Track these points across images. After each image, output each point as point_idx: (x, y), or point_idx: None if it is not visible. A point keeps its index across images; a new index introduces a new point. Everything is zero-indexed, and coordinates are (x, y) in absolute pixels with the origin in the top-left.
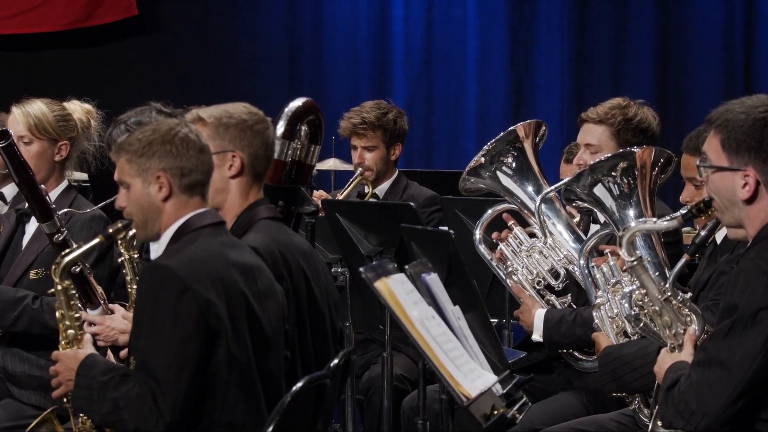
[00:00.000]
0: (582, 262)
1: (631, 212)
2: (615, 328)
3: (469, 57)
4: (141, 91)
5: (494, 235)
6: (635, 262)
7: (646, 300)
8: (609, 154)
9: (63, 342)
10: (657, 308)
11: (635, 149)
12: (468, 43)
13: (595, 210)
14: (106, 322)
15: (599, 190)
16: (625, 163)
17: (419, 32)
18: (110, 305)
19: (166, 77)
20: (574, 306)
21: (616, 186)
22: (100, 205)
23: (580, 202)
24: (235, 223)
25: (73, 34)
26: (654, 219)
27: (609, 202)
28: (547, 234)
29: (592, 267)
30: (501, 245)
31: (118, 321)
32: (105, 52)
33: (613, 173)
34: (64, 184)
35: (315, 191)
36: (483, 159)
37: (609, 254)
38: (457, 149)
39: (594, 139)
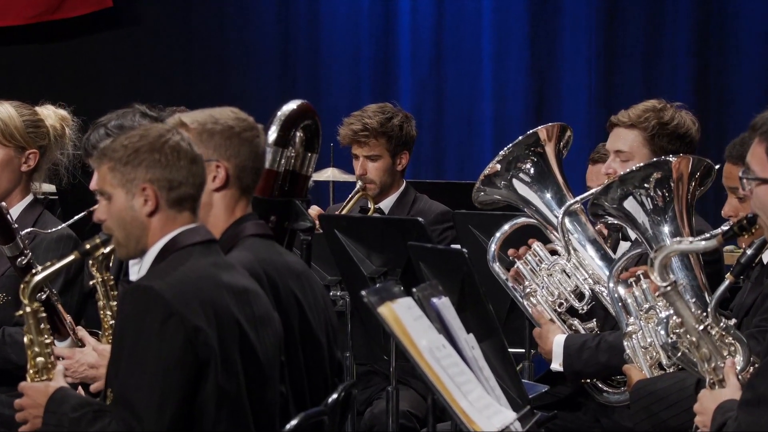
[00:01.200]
0: (611, 285)
1: (666, 229)
2: (648, 360)
3: (485, 54)
4: (115, 93)
5: (511, 251)
6: (669, 287)
7: (681, 330)
8: (641, 163)
9: (31, 371)
10: (694, 339)
11: (671, 158)
12: (483, 38)
13: (626, 226)
14: (75, 356)
15: (630, 204)
16: (660, 173)
17: (428, 26)
18: (81, 335)
19: (144, 77)
20: (600, 333)
21: (649, 199)
22: (68, 222)
23: (608, 218)
24: (219, 241)
25: (40, 27)
26: (691, 238)
27: (641, 217)
28: (571, 251)
29: (623, 290)
30: (518, 263)
31: (89, 354)
32: (75, 48)
33: (645, 185)
34: (29, 198)
35: (311, 206)
36: (499, 166)
37: (642, 276)
38: (470, 158)
39: (625, 145)
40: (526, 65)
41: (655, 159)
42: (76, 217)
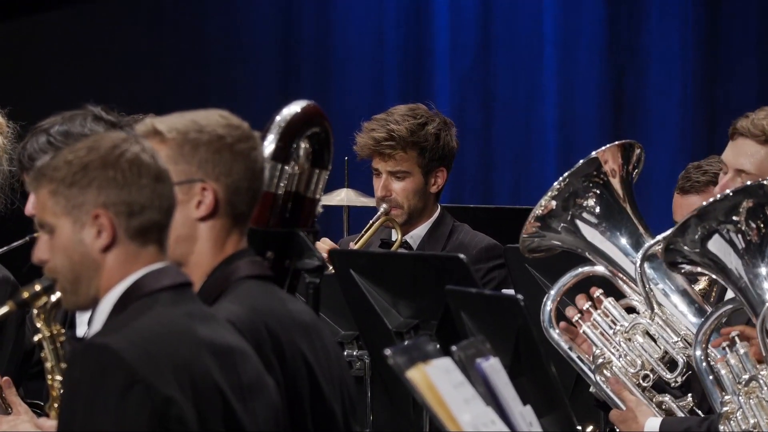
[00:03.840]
0: (698, 353)
1: (765, 271)
2: None
3: (546, 41)
4: (61, 91)
5: (572, 312)
6: None
7: None
8: (727, 191)
9: None
10: None
11: (766, 180)
12: (544, 22)
13: (712, 275)
14: (2, 426)
15: (716, 245)
16: (752, 200)
17: (472, 5)
18: (13, 399)
19: (100, 71)
20: (700, 412)
21: (740, 236)
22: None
23: (688, 266)
24: (204, 285)
25: None
26: None
27: (732, 261)
28: (655, 306)
29: (713, 358)
30: (584, 326)
31: (23, 426)
32: (10, 32)
33: (734, 217)
34: None
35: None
36: (554, 203)
37: (737, 339)
38: (527, 177)
39: (753, 164)
40: (600, 57)
41: (744, 184)
42: (5, 248)
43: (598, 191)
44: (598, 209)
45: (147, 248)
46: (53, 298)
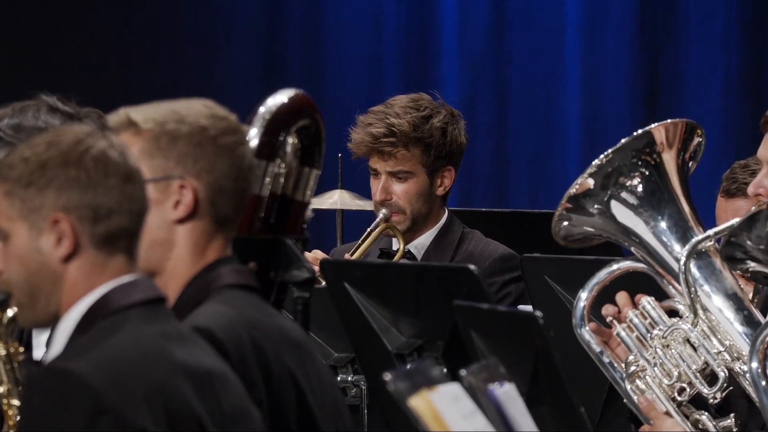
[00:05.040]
0: (754, 365)
1: None
2: None
3: (569, 22)
4: (9, 78)
5: (608, 311)
6: None
7: None
8: None
9: None
10: None
11: None
12: (567, 0)
13: None
14: None
15: None
16: None
17: None
18: None
19: (59, 56)
20: None
21: None
22: None
23: (751, 263)
24: (181, 296)
25: None
26: None
27: None
28: (699, 311)
29: None
30: (618, 328)
31: None
32: None
33: None
34: None
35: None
36: (592, 181)
37: None
38: (547, 177)
39: None
40: (631, 38)
41: None
42: None
43: (646, 171)
44: (640, 189)
45: (114, 258)
46: (9, 312)
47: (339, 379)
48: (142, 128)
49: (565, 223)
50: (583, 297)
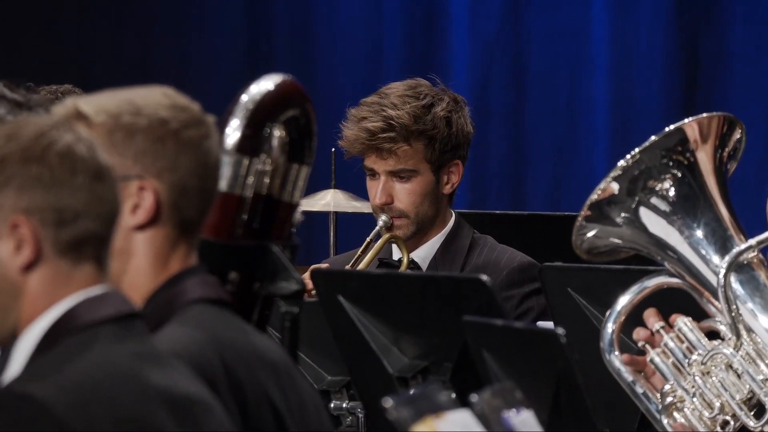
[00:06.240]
0: None
1: None
2: None
3: None
4: None
5: (640, 335)
6: None
7: None
8: None
9: None
10: None
11: None
12: None
13: None
14: None
15: None
16: None
17: None
18: None
19: (11, 34)
20: None
21: None
22: None
23: None
24: (143, 312)
25: None
26: None
27: None
28: (742, 332)
29: None
30: (652, 354)
31: None
32: None
33: None
34: None
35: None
36: (616, 186)
37: None
38: (571, 174)
39: None
40: (667, 16)
41: None
42: None
43: (678, 173)
44: (672, 194)
45: (82, 267)
46: None
47: (333, 405)
48: (93, 121)
49: (588, 234)
50: (612, 320)
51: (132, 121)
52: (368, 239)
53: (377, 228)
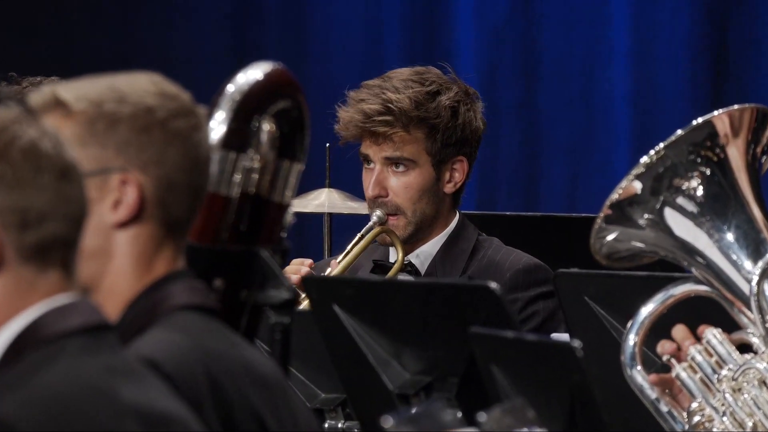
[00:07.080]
0: None
1: None
2: None
3: None
4: None
5: (665, 348)
6: None
7: None
8: None
9: None
10: None
11: None
12: None
13: None
14: None
15: None
16: None
17: None
18: None
19: None
20: None
21: None
22: None
23: None
24: (122, 321)
25: None
26: None
27: None
28: None
29: None
30: (678, 369)
31: None
32: None
33: None
34: None
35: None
36: (639, 185)
37: None
38: (588, 172)
39: None
40: (692, 5)
41: None
42: None
43: (707, 170)
44: (701, 193)
45: (47, 273)
46: None
47: (327, 425)
48: (73, 109)
49: (608, 237)
50: (633, 332)
51: (115, 110)
52: (360, 234)
53: (370, 222)
